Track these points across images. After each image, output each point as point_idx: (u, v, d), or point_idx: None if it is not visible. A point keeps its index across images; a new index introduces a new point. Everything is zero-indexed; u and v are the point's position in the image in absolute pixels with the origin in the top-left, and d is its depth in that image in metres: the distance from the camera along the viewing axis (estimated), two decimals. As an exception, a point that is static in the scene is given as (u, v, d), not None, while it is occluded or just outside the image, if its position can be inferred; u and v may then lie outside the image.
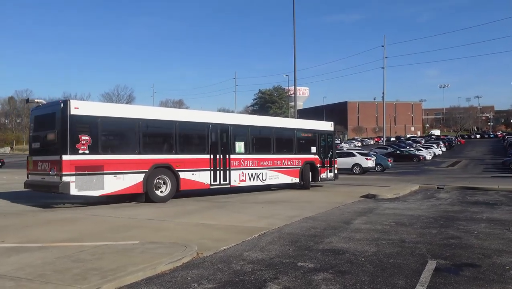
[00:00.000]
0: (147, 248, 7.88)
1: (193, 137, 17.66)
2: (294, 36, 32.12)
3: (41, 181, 14.65)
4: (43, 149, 14.99)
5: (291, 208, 13.86)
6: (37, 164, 14.82)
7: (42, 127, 15.26)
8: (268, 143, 20.26)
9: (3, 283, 5.93)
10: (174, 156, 16.06)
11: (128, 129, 15.27)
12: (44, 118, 15.21)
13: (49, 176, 13.88)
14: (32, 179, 15.36)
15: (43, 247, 8.13)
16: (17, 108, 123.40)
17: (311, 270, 6.68)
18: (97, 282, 5.87)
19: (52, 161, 13.86)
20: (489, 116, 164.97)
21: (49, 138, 14.66)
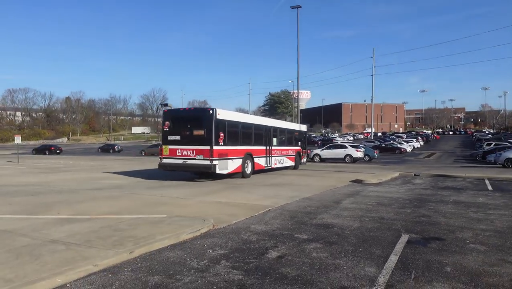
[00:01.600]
0: (173, 220, 7.97)
1: (259, 134, 20.04)
2: (298, 49, 31.95)
3: (182, 164, 16.37)
4: (188, 141, 16.41)
5: (291, 190, 13.85)
6: (176, 151, 16.50)
7: (186, 125, 16.66)
8: (283, 138, 23.27)
9: (56, 246, 6.06)
10: (253, 147, 18.97)
11: (237, 129, 17.93)
12: (191, 118, 16.96)
13: (195, 160, 16.05)
14: (169, 161, 16.79)
15: (90, 219, 8.27)
16: (72, 106, 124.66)
17: (305, 241, 6.70)
18: (131, 247, 5.97)
19: (201, 150, 15.92)
20: (460, 116, 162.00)
21: (198, 134, 16.26)
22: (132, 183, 15.85)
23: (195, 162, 16.05)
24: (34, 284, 4.47)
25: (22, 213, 9.08)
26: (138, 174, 20.49)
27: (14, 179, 17.90)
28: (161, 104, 23.04)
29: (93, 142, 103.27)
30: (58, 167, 26.60)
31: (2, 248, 5.97)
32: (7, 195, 12.17)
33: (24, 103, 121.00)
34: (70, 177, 19.01)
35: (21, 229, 7.25)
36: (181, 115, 17.52)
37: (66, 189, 13.90)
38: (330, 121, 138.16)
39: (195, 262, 5.53)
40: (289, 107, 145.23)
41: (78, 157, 42.86)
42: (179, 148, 16.41)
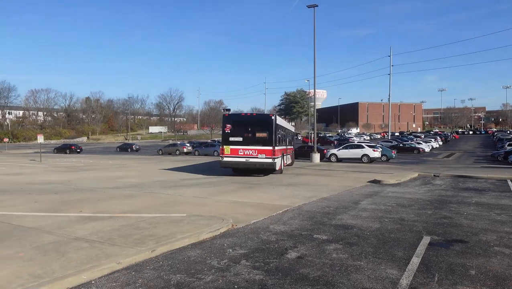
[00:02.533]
0: (192, 219, 8.04)
1: (285, 136, 22.53)
2: (314, 48, 31.67)
3: (245, 162, 18.22)
4: (248, 142, 18.24)
5: (309, 190, 13.78)
6: (238, 151, 18.20)
7: (248, 128, 18.55)
8: (290, 139, 25.76)
9: (80, 244, 6.20)
10: (284, 147, 21.45)
11: (281, 132, 20.51)
12: (254, 122, 19.04)
13: (256, 158, 18.07)
14: (230, 160, 18.38)
15: (111, 217, 8.42)
16: (92, 106, 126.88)
17: (324, 241, 6.67)
18: (153, 245, 6.06)
19: (263, 150, 18.08)
20: (481, 115, 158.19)
21: (260, 136, 18.32)
22: (150, 182, 16.05)
23: (257, 160, 18.06)
24: (61, 281, 4.59)
25: (47, 210, 9.31)
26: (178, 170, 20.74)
27: (37, 177, 18.36)
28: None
29: (111, 141, 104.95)
30: (79, 166, 27.14)
31: (30, 244, 6.14)
32: (32, 193, 12.50)
33: (46, 103, 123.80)
34: (90, 176, 19.37)
35: (47, 227, 7.44)
36: (243, 119, 19.63)
37: (87, 187, 14.18)
38: (346, 120, 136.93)
39: (216, 261, 5.57)
40: (305, 106, 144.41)
41: (97, 156, 43.63)
42: (241, 148, 18.14)
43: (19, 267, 5.09)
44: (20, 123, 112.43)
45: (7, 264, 5.20)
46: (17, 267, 5.09)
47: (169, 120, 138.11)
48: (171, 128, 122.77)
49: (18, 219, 8.18)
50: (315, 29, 31.57)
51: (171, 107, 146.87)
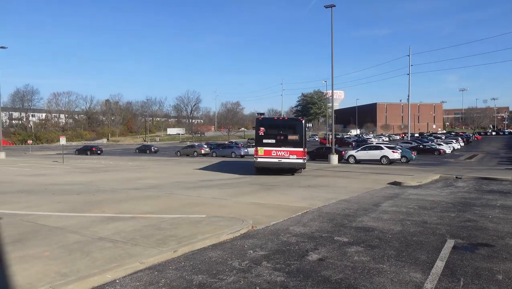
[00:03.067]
0: (212, 220, 8.09)
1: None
2: (332, 48, 31.45)
3: (277, 162, 19.47)
4: (280, 143, 19.49)
5: (328, 191, 13.69)
6: (271, 152, 19.40)
7: (281, 131, 19.90)
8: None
9: (104, 243, 6.32)
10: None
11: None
12: (286, 126, 20.45)
13: (288, 159, 19.37)
14: (264, 160, 19.50)
15: (133, 217, 8.55)
16: (111, 108, 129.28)
17: (345, 244, 6.61)
18: (174, 246, 6.13)
19: (295, 151, 19.37)
20: (504, 115, 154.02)
21: (292, 138, 19.65)
22: (169, 184, 16.23)
23: (289, 160, 19.42)
24: (87, 279, 4.69)
25: (70, 211, 9.53)
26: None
27: (60, 178, 18.81)
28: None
29: (130, 143, 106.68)
30: (100, 167, 27.66)
31: (55, 244, 6.30)
32: (56, 193, 12.82)
33: (67, 106, 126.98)
34: (111, 177, 19.73)
35: (71, 226, 7.62)
36: (275, 123, 20.88)
37: (108, 188, 14.44)
38: (365, 121, 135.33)
39: (237, 262, 5.59)
40: (322, 107, 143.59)
41: (117, 157, 44.40)
42: (274, 150, 19.38)
43: (46, 265, 5.23)
44: (43, 126, 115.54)
45: (35, 262, 5.35)
46: (44, 265, 5.23)
47: (187, 121, 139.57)
48: (189, 130, 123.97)
49: (43, 219, 8.40)
50: (332, 30, 31.39)
51: (188, 109, 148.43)
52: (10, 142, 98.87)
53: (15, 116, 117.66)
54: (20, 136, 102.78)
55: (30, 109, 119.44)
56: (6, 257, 5.60)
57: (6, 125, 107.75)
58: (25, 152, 58.46)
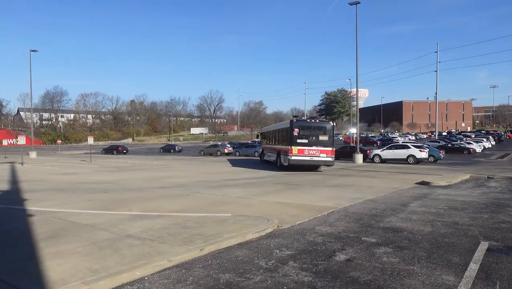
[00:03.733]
0: (238, 219, 8.12)
1: None
2: (357, 46, 31.01)
3: (310, 160, 21.56)
4: (310, 142, 21.56)
5: (353, 191, 13.50)
6: (304, 151, 21.44)
7: (311, 131, 21.96)
8: None
9: (133, 241, 6.45)
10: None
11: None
12: (317, 127, 22.26)
13: (319, 157, 21.56)
14: (298, 158, 21.45)
15: (159, 216, 8.69)
16: (136, 108, 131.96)
17: (373, 244, 6.50)
18: (201, 244, 6.18)
19: (325, 150, 21.63)
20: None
21: (323, 138, 21.85)
22: (194, 183, 16.41)
23: (319, 158, 21.63)
24: (117, 276, 4.79)
25: (99, 208, 9.78)
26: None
27: (88, 177, 19.34)
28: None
29: (155, 142, 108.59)
30: (126, 166, 28.28)
31: (86, 240, 6.48)
32: (85, 192, 13.18)
33: (94, 106, 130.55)
34: (137, 176, 20.13)
35: (100, 224, 7.81)
36: (308, 125, 22.45)
37: (135, 187, 14.74)
38: (390, 120, 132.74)
39: (263, 261, 5.58)
40: (346, 106, 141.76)
41: (142, 157, 45.29)
42: (307, 148, 21.43)
43: (78, 261, 5.38)
44: (71, 126, 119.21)
45: (68, 258, 5.51)
46: (76, 261, 5.38)
47: (210, 121, 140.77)
48: (212, 129, 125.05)
49: (73, 217, 8.66)
50: (357, 27, 30.94)
51: (211, 109, 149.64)
52: (41, 142, 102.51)
53: (45, 117, 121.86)
54: (50, 136, 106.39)
55: (59, 110, 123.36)
56: (40, 252, 5.79)
57: (37, 125, 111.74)
58: (55, 152, 60.47)
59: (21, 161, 31.06)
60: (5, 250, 6.05)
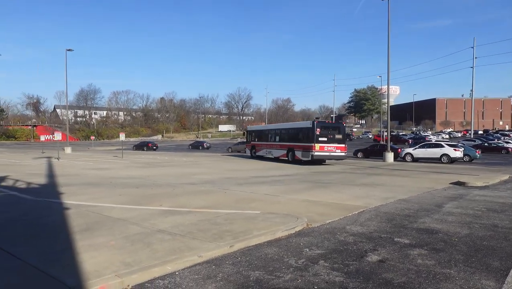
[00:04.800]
0: (267, 217, 8.09)
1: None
2: (388, 43, 30.20)
3: (328, 155, 25.61)
4: (329, 140, 25.38)
5: (384, 190, 13.18)
6: (324, 148, 25.18)
7: (329, 131, 25.96)
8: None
9: (164, 236, 6.55)
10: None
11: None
12: (330, 127, 26.71)
13: (334, 152, 25.57)
14: (320, 153, 25.15)
15: (189, 212, 8.79)
16: (166, 106, 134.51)
17: (407, 246, 6.31)
18: (230, 241, 6.20)
19: (338, 146, 25.69)
20: None
21: (337, 137, 25.87)
22: (222, 179, 16.53)
23: (335, 154, 25.77)
24: (149, 270, 4.88)
25: (131, 203, 10.01)
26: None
27: (120, 172, 19.87)
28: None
29: (184, 139, 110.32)
30: (156, 162, 28.86)
31: (119, 234, 6.64)
32: (117, 187, 13.54)
33: (126, 103, 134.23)
34: (167, 172, 20.49)
35: (132, 218, 7.99)
36: (326, 125, 26.76)
37: (165, 183, 15.00)
38: (422, 118, 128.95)
39: (293, 260, 5.53)
40: (376, 103, 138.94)
41: (171, 153, 46.09)
42: (326, 146, 25.30)
43: (112, 254, 5.51)
44: (104, 122, 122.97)
45: (102, 251, 5.67)
46: (110, 254, 5.51)
47: (238, 118, 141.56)
48: (240, 127, 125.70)
49: (107, 211, 8.90)
50: (389, 23, 30.15)
51: (239, 106, 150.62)
52: (75, 138, 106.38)
53: (79, 114, 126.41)
54: (84, 132, 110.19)
55: (93, 107, 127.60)
56: (76, 245, 5.99)
57: (72, 122, 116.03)
58: (88, 147, 62.56)
59: (57, 156, 32.31)
60: (44, 241, 6.29)
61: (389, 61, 30.81)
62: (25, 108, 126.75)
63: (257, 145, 33.71)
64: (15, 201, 10.46)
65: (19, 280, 4.59)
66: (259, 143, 33.45)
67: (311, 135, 25.15)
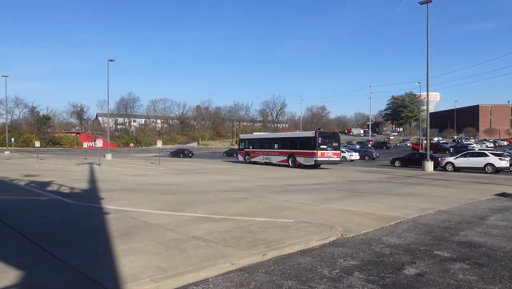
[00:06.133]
0: (300, 226, 8.02)
1: None
2: (428, 48, 29.24)
3: (327, 160, 30.29)
4: (327, 148, 30.17)
5: (423, 201, 12.71)
6: (324, 154, 29.85)
7: (328, 140, 30.80)
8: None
9: (198, 242, 6.65)
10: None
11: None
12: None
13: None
14: (321, 159, 29.78)
15: (223, 219, 8.87)
16: (201, 113, 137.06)
17: (447, 259, 6.04)
18: (263, 249, 6.19)
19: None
20: None
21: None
22: (256, 187, 16.57)
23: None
24: (184, 276, 4.97)
25: (167, 209, 10.24)
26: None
27: (157, 179, 20.41)
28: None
29: (219, 146, 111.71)
30: (191, 169, 29.42)
31: (155, 240, 6.81)
32: (154, 193, 13.92)
33: (163, 111, 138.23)
34: (202, 179, 20.82)
35: (168, 224, 8.17)
36: (325, 135, 31.97)
37: (199, 189, 15.25)
38: (464, 125, 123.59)
39: (327, 270, 5.44)
40: (414, 111, 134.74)
41: (207, 160, 46.80)
42: (326, 152, 30.07)
43: (147, 259, 5.66)
44: (142, 130, 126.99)
45: (138, 256, 5.83)
46: (146, 259, 5.66)
47: (272, 126, 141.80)
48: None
49: (144, 216, 9.16)
50: (428, 27, 29.26)
51: (274, 114, 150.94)
52: (115, 145, 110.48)
53: (119, 122, 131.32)
54: (123, 140, 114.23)
55: (132, 115, 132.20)
56: (115, 248, 6.20)
57: (112, 129, 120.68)
58: (128, 154, 64.75)
59: (99, 162, 33.69)
60: (85, 244, 6.57)
61: (429, 67, 29.87)
62: (69, 116, 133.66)
63: (251, 152, 37.54)
64: (59, 205, 11.00)
65: (61, 281, 4.81)
66: (254, 150, 37.27)
67: (314, 144, 29.70)
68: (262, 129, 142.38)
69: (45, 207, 10.61)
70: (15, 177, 19.73)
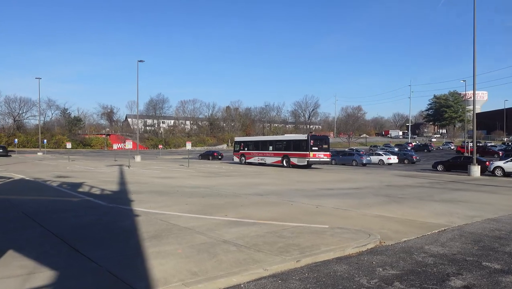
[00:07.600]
0: (336, 232, 7.93)
1: None
2: (474, 44, 28.14)
3: (319, 160, 34.22)
4: (319, 149, 34.10)
5: (469, 208, 12.23)
6: (315, 155, 33.71)
7: (319, 142, 35.04)
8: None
9: (229, 247, 6.71)
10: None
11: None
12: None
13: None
14: (313, 159, 33.70)
15: (254, 223, 8.90)
16: (231, 114, 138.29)
17: (497, 271, 5.78)
18: (297, 255, 6.17)
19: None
20: None
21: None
22: (288, 190, 16.52)
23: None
24: (215, 281, 5.02)
25: (197, 212, 10.40)
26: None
27: (186, 181, 20.77)
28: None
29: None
30: (221, 171, 29.72)
31: (185, 243, 6.93)
32: (184, 196, 14.17)
33: (192, 112, 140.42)
34: (231, 181, 20.99)
35: (198, 228, 8.30)
36: (317, 138, 36.55)
37: (229, 192, 15.37)
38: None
39: (365, 279, 5.34)
40: (459, 111, 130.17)
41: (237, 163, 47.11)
42: (317, 153, 34.00)
43: (178, 262, 5.77)
44: (171, 132, 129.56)
45: (169, 259, 5.96)
46: (177, 262, 5.78)
47: (304, 127, 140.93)
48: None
49: (174, 219, 9.34)
50: (475, 20, 28.22)
51: (306, 115, 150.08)
52: (145, 146, 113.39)
53: (148, 123, 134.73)
54: (153, 141, 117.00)
55: (161, 116, 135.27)
56: (145, 251, 6.37)
57: (142, 131, 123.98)
58: (157, 156, 66.31)
59: (128, 164, 34.70)
60: (117, 245, 6.79)
61: (475, 63, 28.77)
62: (100, 117, 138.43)
63: (247, 153, 41.31)
64: (90, 207, 11.42)
65: (93, 282, 4.99)
66: (249, 152, 41.05)
67: (306, 146, 33.70)
68: (294, 131, 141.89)
69: (77, 208, 11.04)
70: (48, 178, 20.66)
